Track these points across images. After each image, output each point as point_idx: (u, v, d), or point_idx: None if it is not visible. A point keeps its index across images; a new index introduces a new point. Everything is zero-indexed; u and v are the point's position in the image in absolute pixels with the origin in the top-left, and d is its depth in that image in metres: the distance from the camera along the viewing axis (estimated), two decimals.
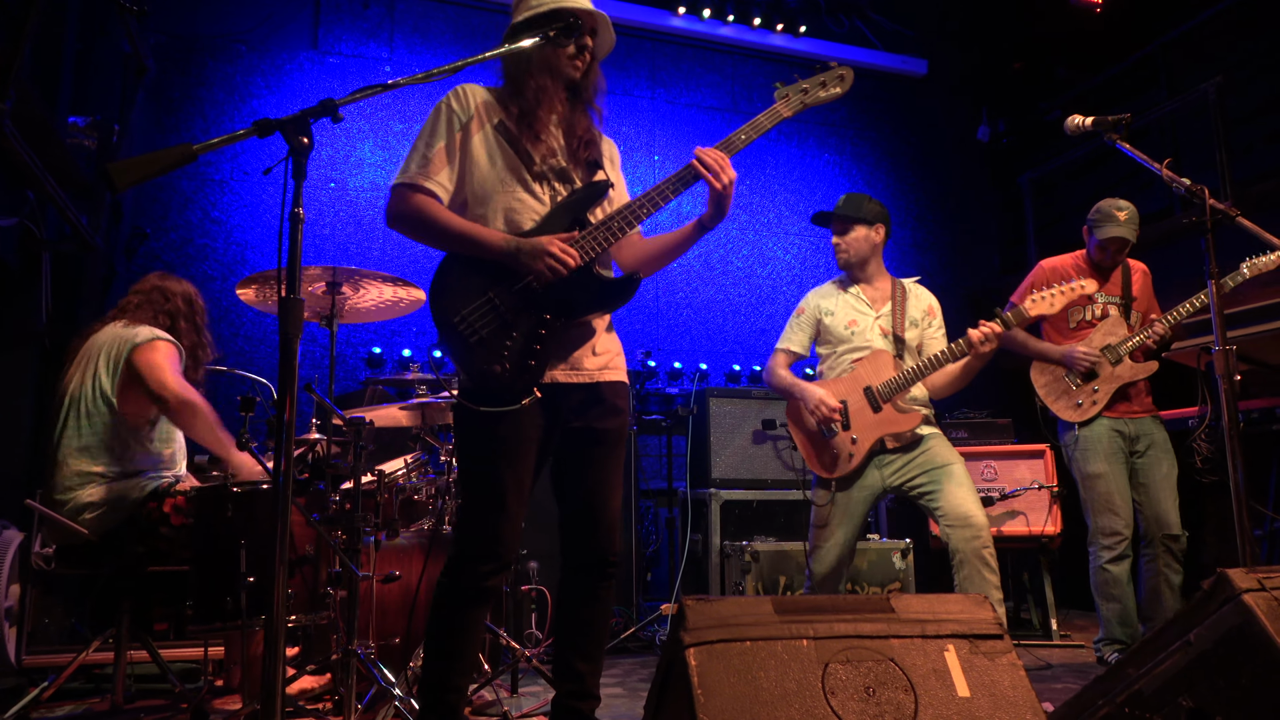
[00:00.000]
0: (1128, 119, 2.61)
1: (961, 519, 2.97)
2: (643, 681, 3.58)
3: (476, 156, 2.16)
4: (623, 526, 4.57)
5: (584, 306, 2.14)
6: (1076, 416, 3.71)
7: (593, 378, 2.19)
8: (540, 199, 2.17)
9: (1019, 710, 1.53)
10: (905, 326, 3.30)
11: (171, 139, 5.25)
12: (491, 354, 2.03)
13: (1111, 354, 3.68)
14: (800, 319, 3.45)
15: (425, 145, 2.16)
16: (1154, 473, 3.66)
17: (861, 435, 3.14)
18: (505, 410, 2.02)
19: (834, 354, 3.34)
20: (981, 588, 2.93)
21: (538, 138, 2.18)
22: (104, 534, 2.93)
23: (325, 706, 3.01)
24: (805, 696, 1.46)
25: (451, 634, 2.06)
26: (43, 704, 3.12)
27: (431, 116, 2.19)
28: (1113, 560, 3.60)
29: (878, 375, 3.18)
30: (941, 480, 3.05)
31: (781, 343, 3.45)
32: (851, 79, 2.36)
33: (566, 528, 2.22)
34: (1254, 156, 5.31)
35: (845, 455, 3.15)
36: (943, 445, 3.15)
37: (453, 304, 2.05)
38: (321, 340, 5.34)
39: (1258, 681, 1.55)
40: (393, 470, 3.21)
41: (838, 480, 3.17)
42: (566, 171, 2.21)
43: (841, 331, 3.32)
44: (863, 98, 7.21)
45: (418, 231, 2.15)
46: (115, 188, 1.58)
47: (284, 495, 1.54)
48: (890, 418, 3.13)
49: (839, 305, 3.38)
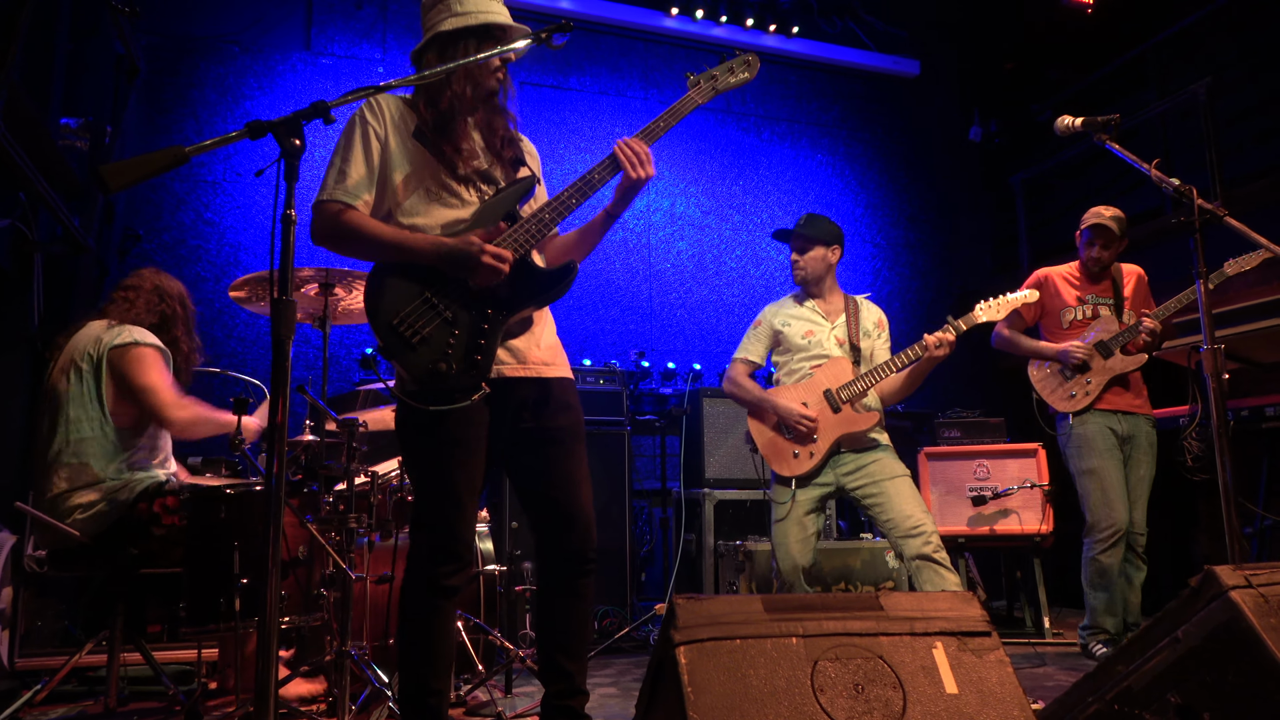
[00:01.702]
0: (1117, 120, 2.63)
1: (910, 528, 3.11)
2: (636, 681, 3.58)
3: (397, 165, 2.16)
4: (616, 527, 4.62)
5: (523, 300, 2.14)
6: (1070, 406, 3.84)
7: (540, 373, 2.19)
8: (467, 201, 2.17)
9: (1006, 706, 1.54)
10: (860, 336, 3.46)
11: (164, 140, 5.24)
12: (435, 352, 2.02)
13: (1103, 349, 3.82)
14: (758, 330, 3.59)
15: (342, 160, 2.14)
16: (1133, 474, 3.81)
17: (821, 435, 3.29)
18: (455, 408, 2.01)
19: (791, 361, 3.49)
20: (943, 588, 3.02)
21: (457, 142, 2.18)
22: (95, 535, 2.93)
23: (319, 709, 3.01)
24: (795, 694, 1.47)
25: (422, 638, 2.06)
26: (36, 707, 3.11)
27: (346, 131, 2.17)
28: (1104, 551, 3.71)
29: (837, 379, 3.34)
30: (889, 492, 3.20)
31: (740, 353, 3.59)
32: (758, 65, 2.42)
33: (538, 529, 2.22)
34: (1243, 157, 5.34)
35: (806, 454, 3.31)
36: (892, 459, 3.32)
37: (390, 305, 2.04)
38: (314, 341, 5.34)
39: (1244, 677, 1.56)
40: (386, 471, 3.22)
41: (798, 478, 3.32)
42: (489, 172, 2.22)
43: (799, 341, 3.47)
44: (855, 98, 7.23)
45: (345, 245, 2.13)
46: (108, 189, 1.59)
47: (277, 497, 1.54)
48: (849, 418, 3.30)
49: (795, 317, 3.53)
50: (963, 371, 6.07)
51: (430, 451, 2.08)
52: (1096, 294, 3.94)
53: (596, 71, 6.41)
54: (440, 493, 2.07)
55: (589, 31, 6.33)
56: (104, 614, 3.02)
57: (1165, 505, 3.75)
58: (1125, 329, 3.80)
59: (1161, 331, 3.80)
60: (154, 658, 3.07)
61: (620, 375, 4.89)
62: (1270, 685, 1.53)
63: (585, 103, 6.31)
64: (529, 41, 2.10)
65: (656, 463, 5.40)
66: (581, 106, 6.29)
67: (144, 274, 3.29)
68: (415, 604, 2.07)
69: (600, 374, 4.84)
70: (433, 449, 2.08)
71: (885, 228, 7.16)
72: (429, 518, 2.08)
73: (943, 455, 4.82)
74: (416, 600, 2.07)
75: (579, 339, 5.99)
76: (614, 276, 6.18)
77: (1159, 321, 3.74)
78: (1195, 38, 5.83)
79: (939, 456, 4.81)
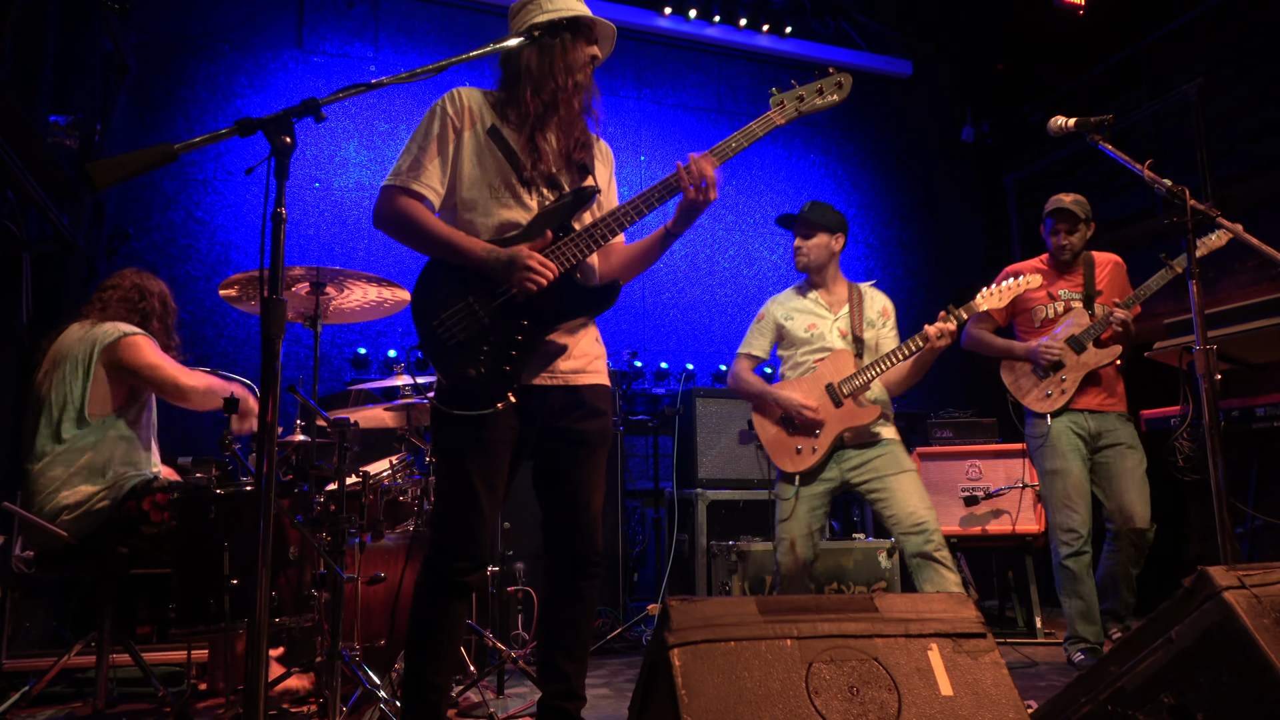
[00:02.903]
0: (1109, 120, 2.64)
1: (913, 526, 3.08)
2: (629, 682, 3.58)
3: (466, 161, 2.16)
4: (609, 526, 4.61)
5: (563, 314, 2.15)
6: (1048, 407, 3.75)
7: (568, 380, 2.19)
8: (527, 205, 2.17)
9: (1001, 708, 1.54)
10: (863, 327, 3.41)
11: (154, 139, 5.21)
12: (467, 358, 2.04)
13: (1075, 344, 3.72)
14: (761, 324, 3.56)
15: (418, 148, 2.15)
16: (1117, 467, 3.68)
17: (824, 430, 3.26)
18: (478, 414, 2.03)
19: (794, 355, 3.45)
20: (942, 588, 3.00)
21: (533, 143, 2.18)
22: (84, 536, 2.91)
23: (310, 709, 3.00)
24: (789, 696, 1.47)
25: (430, 633, 2.08)
26: (24, 708, 3.09)
27: (425, 119, 2.19)
28: (1070, 556, 3.64)
29: (839, 373, 3.30)
30: (893, 487, 3.17)
31: (743, 348, 3.56)
32: (850, 86, 2.39)
33: (549, 528, 2.23)
34: (1234, 157, 5.36)
35: (809, 450, 3.27)
36: (899, 453, 3.27)
37: (433, 307, 2.07)
38: (306, 341, 5.31)
39: (1238, 678, 1.57)
40: (378, 471, 3.20)
41: (801, 475, 3.28)
42: (555, 177, 2.22)
43: (801, 334, 3.43)
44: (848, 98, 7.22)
45: (402, 235, 2.15)
46: (95, 187, 1.57)
47: (267, 497, 1.53)
48: (851, 412, 3.26)
49: (798, 310, 3.49)
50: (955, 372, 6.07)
51: (454, 452, 2.10)
52: (1068, 288, 3.83)
53: None
54: (460, 493, 2.08)
55: None
56: (93, 615, 3.00)
57: (1157, 505, 3.72)
58: (1096, 321, 3.71)
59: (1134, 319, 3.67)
60: (143, 659, 3.05)
61: (613, 375, 4.87)
62: (1263, 686, 1.53)
63: None
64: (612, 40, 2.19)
65: (649, 463, 5.40)
66: None
67: (125, 274, 3.30)
68: (429, 599, 2.09)
69: None
70: (457, 450, 2.09)
71: (878, 228, 7.17)
72: (448, 518, 2.10)
73: (935, 455, 4.83)
74: (430, 596, 2.09)
75: None
76: None
77: (1129, 310, 3.63)
78: (1187, 38, 5.85)
79: (931, 456, 4.83)
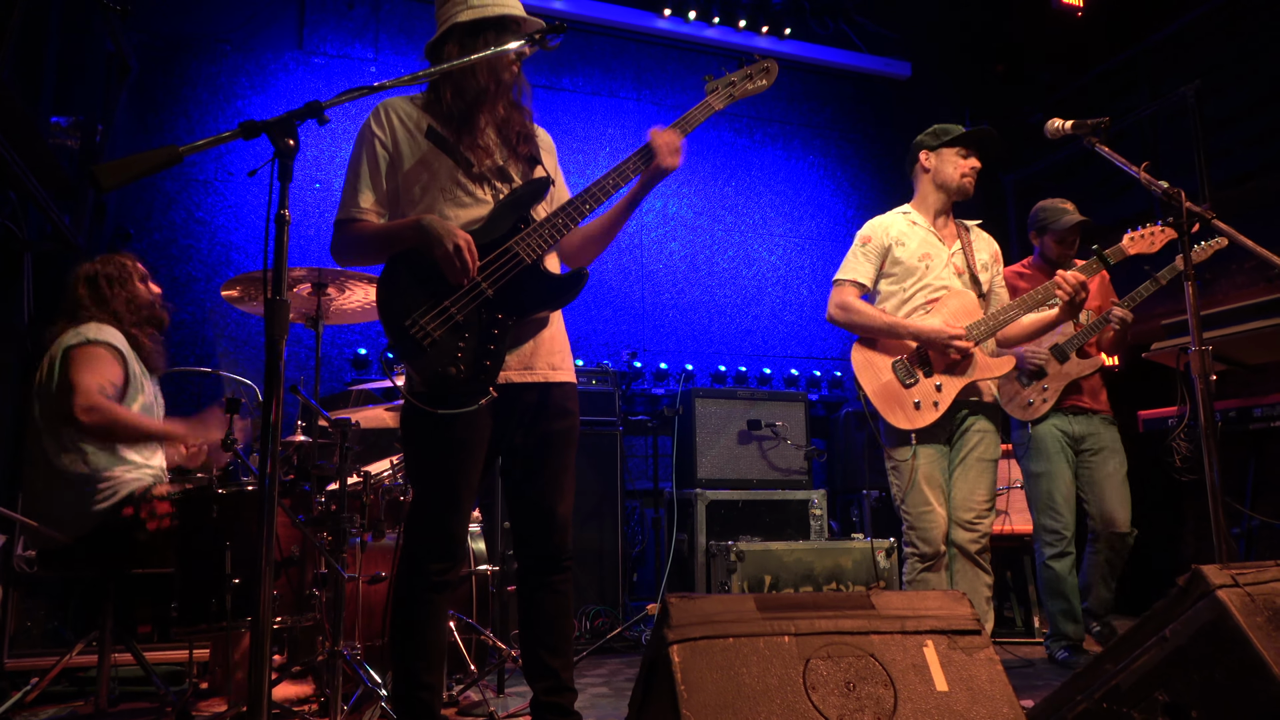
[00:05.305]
0: (1106, 122, 2.65)
1: (966, 519, 2.94)
2: (628, 681, 3.59)
3: (410, 168, 2.17)
4: (609, 527, 4.62)
5: (534, 304, 2.16)
6: (1028, 415, 3.77)
7: (546, 377, 2.21)
8: (482, 200, 2.18)
9: (996, 704, 1.55)
10: (979, 267, 3.01)
11: (155, 139, 5.22)
12: (446, 356, 2.04)
13: (1059, 353, 3.74)
14: (866, 248, 3.03)
15: (354, 176, 2.19)
16: (1100, 471, 3.73)
17: (948, 381, 2.82)
18: (462, 412, 2.03)
19: (902, 290, 2.97)
20: (973, 585, 2.97)
21: (474, 140, 2.19)
22: (79, 539, 2.91)
23: (311, 709, 3.01)
24: (787, 692, 1.48)
25: (414, 632, 2.09)
26: (26, 708, 3.10)
27: (355, 145, 2.21)
28: (1053, 558, 3.68)
29: (967, 316, 2.83)
30: (971, 474, 2.92)
31: (845, 273, 3.03)
32: (776, 71, 2.41)
33: (519, 529, 2.24)
34: (1232, 160, 5.37)
35: (930, 404, 2.82)
36: (995, 441, 2.97)
37: (404, 307, 2.06)
38: (307, 341, 5.33)
39: (1231, 676, 1.58)
40: (378, 471, 3.21)
41: (919, 432, 2.83)
42: (505, 170, 2.23)
43: (914, 263, 2.95)
44: (847, 100, 7.25)
45: (358, 254, 2.19)
46: (101, 189, 1.59)
47: (269, 497, 1.54)
48: (982, 363, 2.81)
49: (911, 235, 3.00)
50: None
51: (431, 452, 2.10)
52: None
53: (589, 72, 6.40)
54: (438, 492, 2.09)
55: (581, 32, 6.33)
56: (94, 614, 3.01)
57: (1153, 505, 3.74)
58: (1081, 330, 3.71)
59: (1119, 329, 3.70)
60: (145, 658, 3.06)
61: (612, 376, 4.89)
62: (1257, 683, 1.54)
63: (578, 103, 6.31)
64: (524, 42, 2.10)
65: (649, 463, 5.41)
66: (574, 107, 6.29)
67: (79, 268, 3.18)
68: (408, 598, 2.10)
69: (593, 374, 4.84)
70: (434, 450, 2.09)
71: None
72: (425, 516, 2.11)
73: None
74: (409, 594, 2.10)
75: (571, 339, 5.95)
76: (606, 277, 6.18)
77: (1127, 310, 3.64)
78: (1185, 41, 5.87)
79: None
